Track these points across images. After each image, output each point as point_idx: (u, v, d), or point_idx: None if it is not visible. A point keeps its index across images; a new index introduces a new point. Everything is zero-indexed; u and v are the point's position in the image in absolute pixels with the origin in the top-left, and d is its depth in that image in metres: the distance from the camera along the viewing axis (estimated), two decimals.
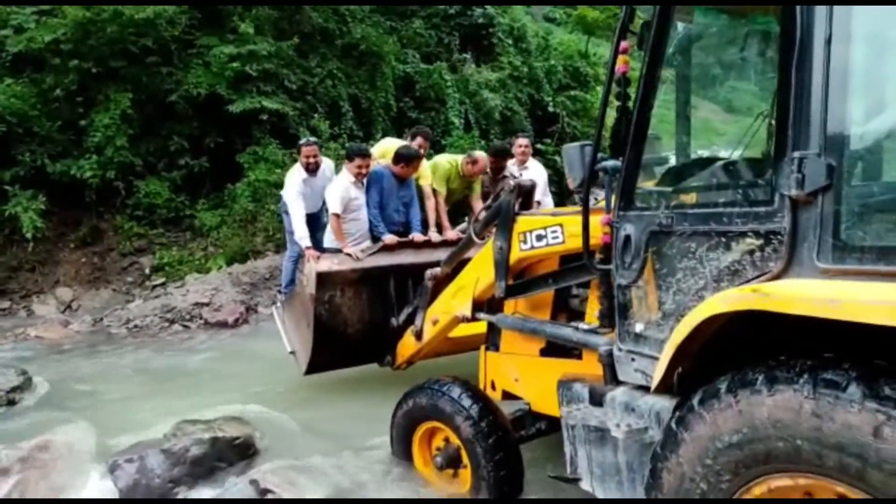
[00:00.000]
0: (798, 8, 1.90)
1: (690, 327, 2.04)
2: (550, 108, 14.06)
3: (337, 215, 5.23)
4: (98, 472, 3.93)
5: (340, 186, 5.33)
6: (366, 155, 5.37)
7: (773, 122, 2.03)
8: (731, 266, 2.07)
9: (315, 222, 5.79)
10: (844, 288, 1.73)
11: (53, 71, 9.14)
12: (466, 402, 3.35)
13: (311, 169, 5.76)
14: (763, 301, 1.83)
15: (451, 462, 3.49)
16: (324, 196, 5.73)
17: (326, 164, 6.07)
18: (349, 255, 4.94)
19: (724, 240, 2.10)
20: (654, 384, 2.31)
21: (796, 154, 1.88)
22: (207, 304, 8.25)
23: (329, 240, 5.58)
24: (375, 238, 5.28)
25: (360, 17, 11.71)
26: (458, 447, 3.44)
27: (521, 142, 6.29)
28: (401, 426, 3.73)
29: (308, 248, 5.20)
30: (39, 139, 9.06)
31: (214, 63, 9.74)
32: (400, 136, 9.90)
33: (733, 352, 2.05)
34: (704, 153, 2.89)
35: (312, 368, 5.08)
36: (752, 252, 2.01)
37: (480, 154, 5.93)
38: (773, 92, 2.20)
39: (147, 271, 9.46)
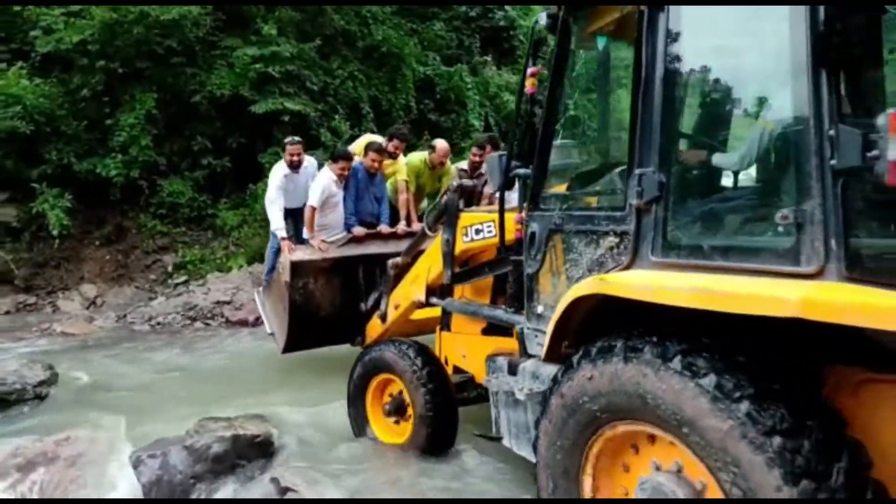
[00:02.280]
0: (643, 40, 2.26)
1: (561, 310, 2.52)
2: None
3: (314, 208, 5.55)
4: (121, 468, 3.99)
5: (322, 183, 5.63)
6: (349, 158, 5.78)
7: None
8: (598, 259, 2.54)
9: (299, 216, 6.02)
10: (662, 277, 2.15)
11: (81, 71, 9.31)
12: (411, 352, 3.95)
13: (294, 165, 6.07)
14: (604, 287, 2.28)
15: (398, 410, 4.07)
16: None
17: (309, 161, 6.37)
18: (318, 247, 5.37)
19: (595, 237, 2.57)
20: (543, 355, 2.77)
21: (638, 170, 2.29)
22: (228, 303, 8.34)
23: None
24: (349, 230, 5.63)
25: (382, 19, 11.76)
26: (405, 395, 3.96)
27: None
28: (359, 375, 4.25)
29: (283, 238, 5.55)
30: (66, 138, 9.24)
31: (238, 64, 9.85)
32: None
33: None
34: (595, 166, 3.27)
35: (289, 348, 5.53)
36: (611, 248, 2.47)
37: (438, 141, 6.48)
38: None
39: (169, 269, 9.59)
